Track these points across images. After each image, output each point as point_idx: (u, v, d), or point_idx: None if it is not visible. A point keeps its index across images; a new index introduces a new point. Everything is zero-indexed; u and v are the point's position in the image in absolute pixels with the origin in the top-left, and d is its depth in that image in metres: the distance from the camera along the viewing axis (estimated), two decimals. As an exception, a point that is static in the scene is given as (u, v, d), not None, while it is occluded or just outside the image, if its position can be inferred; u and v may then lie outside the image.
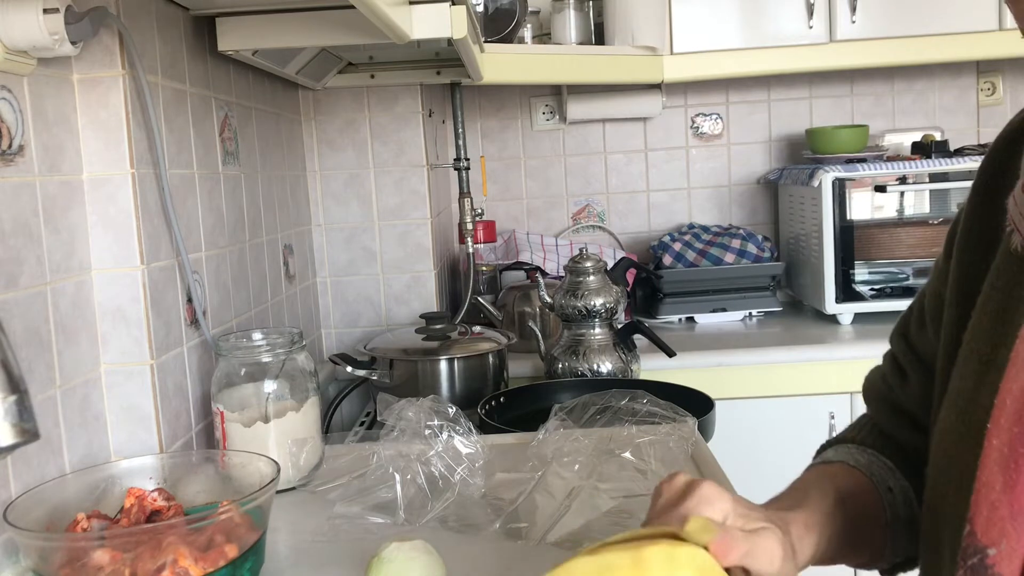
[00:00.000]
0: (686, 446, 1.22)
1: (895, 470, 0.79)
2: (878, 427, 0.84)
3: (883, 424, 0.83)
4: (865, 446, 0.82)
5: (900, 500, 0.77)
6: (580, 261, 1.80)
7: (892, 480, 0.78)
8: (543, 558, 0.95)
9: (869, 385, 0.86)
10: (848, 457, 0.81)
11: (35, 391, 0.95)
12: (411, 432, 1.13)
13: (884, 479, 0.78)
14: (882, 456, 0.80)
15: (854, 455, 0.81)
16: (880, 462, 0.80)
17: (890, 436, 0.82)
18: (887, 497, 0.77)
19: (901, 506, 0.77)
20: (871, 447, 0.82)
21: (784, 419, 2.01)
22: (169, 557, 0.80)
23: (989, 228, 0.66)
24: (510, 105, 2.67)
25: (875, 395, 0.85)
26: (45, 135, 1.02)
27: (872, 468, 0.79)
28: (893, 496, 0.77)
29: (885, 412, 0.83)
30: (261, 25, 1.31)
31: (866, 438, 0.84)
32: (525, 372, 1.95)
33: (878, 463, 0.79)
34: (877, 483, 0.78)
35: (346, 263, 2.05)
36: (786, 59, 2.26)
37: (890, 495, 0.77)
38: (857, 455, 0.81)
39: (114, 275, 1.11)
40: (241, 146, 1.54)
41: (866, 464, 0.79)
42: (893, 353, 0.83)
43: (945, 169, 2.13)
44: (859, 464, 0.79)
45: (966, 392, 0.61)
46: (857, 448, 0.82)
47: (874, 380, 0.86)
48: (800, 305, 2.48)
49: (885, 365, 0.85)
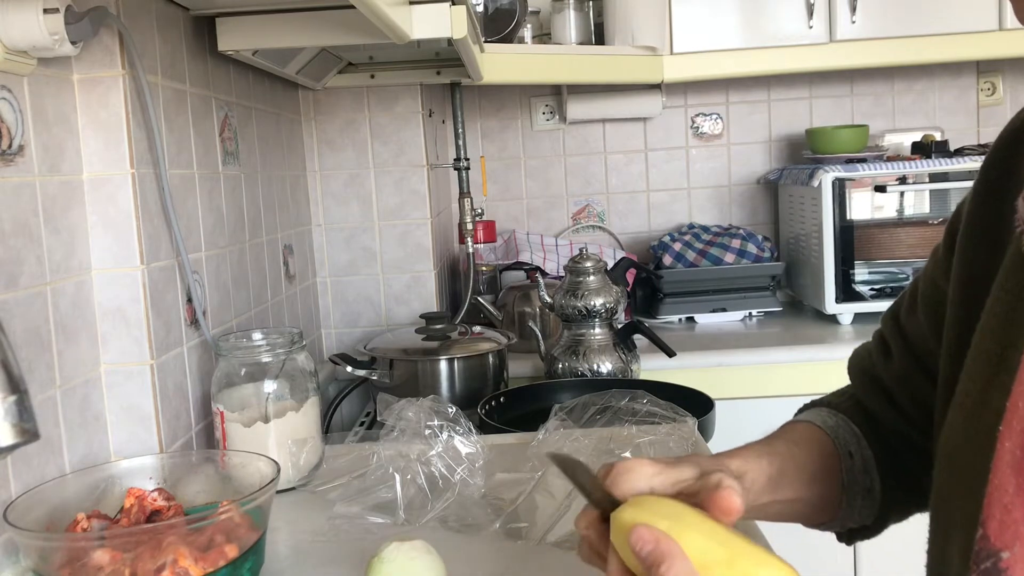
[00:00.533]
0: (686, 446, 1.22)
1: (861, 438, 0.80)
2: (856, 397, 0.86)
3: (861, 395, 0.85)
4: (839, 411, 0.84)
5: (859, 467, 0.79)
6: (580, 261, 1.80)
7: (855, 446, 0.80)
8: (543, 558, 0.95)
9: (854, 358, 0.88)
10: (816, 418, 0.83)
11: (35, 391, 0.95)
12: (411, 432, 1.13)
13: (847, 443, 0.80)
14: (852, 423, 0.82)
15: (823, 417, 0.83)
16: (848, 428, 0.81)
17: (866, 407, 0.84)
18: (846, 461, 0.79)
19: (860, 472, 0.79)
20: (844, 413, 0.83)
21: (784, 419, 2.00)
22: (169, 557, 0.80)
23: (994, 229, 0.66)
24: (510, 105, 2.67)
25: (858, 367, 0.87)
26: (45, 135, 1.02)
27: (837, 431, 0.80)
28: (852, 461, 0.79)
29: (865, 384, 0.85)
30: (261, 25, 1.31)
31: (841, 403, 0.85)
32: (525, 372, 1.95)
33: (845, 428, 0.81)
34: (839, 446, 0.79)
35: (346, 263, 2.05)
36: (786, 59, 2.26)
37: (849, 460, 0.79)
38: (826, 417, 0.82)
39: (114, 275, 1.11)
40: (241, 146, 1.54)
41: (833, 426, 0.81)
42: (881, 332, 0.84)
43: (945, 169, 2.13)
44: (825, 425, 0.81)
45: (974, 394, 0.61)
46: (828, 411, 0.84)
47: (860, 354, 0.88)
48: (800, 305, 2.48)
49: (872, 342, 0.86)
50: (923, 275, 0.78)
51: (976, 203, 0.70)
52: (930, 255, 0.77)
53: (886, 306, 2.12)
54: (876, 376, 0.83)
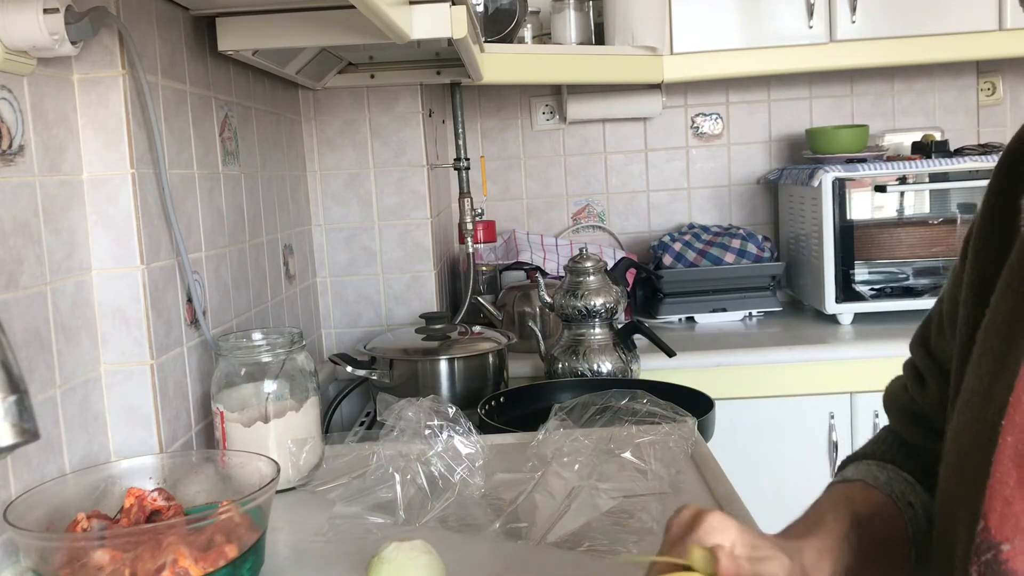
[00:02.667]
0: (686, 446, 1.22)
1: (915, 484, 0.78)
2: (899, 439, 0.83)
3: (903, 433, 0.83)
4: (885, 461, 0.81)
5: (922, 515, 0.76)
6: (580, 261, 1.80)
7: (912, 495, 0.77)
8: (543, 558, 0.95)
9: (889, 395, 0.86)
10: (867, 475, 0.79)
11: (35, 391, 0.95)
12: (411, 432, 1.13)
13: (904, 495, 0.77)
14: (902, 471, 0.79)
15: (873, 472, 0.80)
16: (900, 477, 0.79)
17: (911, 447, 0.81)
18: (908, 512, 0.76)
19: (923, 521, 0.76)
20: (891, 462, 0.81)
21: (784, 419, 2.01)
22: (169, 557, 0.80)
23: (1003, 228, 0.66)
24: (510, 105, 2.67)
25: (895, 404, 0.85)
26: (45, 135, 1.02)
27: (892, 485, 0.78)
28: (914, 511, 0.76)
29: (905, 421, 0.83)
30: (261, 25, 1.31)
31: (886, 452, 0.82)
32: (525, 372, 1.95)
33: (898, 479, 0.78)
34: (897, 499, 0.76)
35: (346, 263, 2.05)
36: (786, 59, 2.26)
37: (911, 510, 0.76)
38: (876, 472, 0.79)
39: (114, 275, 1.11)
40: (241, 146, 1.54)
41: (886, 481, 0.78)
42: (913, 362, 0.82)
43: (945, 169, 2.13)
44: (878, 482, 0.78)
45: (980, 390, 0.61)
46: (877, 465, 0.81)
47: (894, 389, 0.85)
48: (800, 305, 2.48)
49: (905, 374, 0.84)
50: (945, 295, 0.77)
51: (987, 206, 0.70)
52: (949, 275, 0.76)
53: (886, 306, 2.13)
54: (915, 411, 0.81)
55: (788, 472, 1.98)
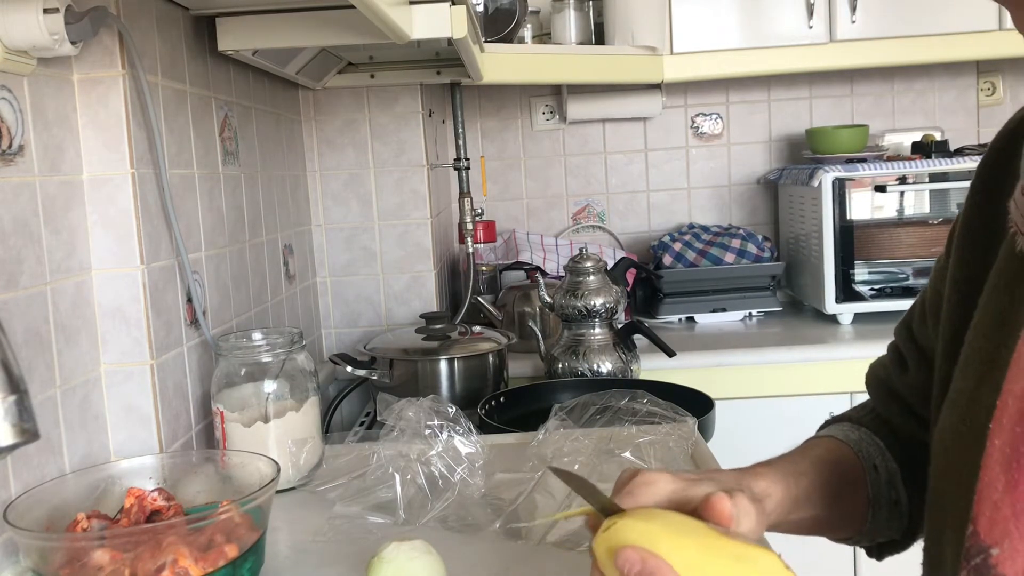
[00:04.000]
0: (686, 446, 1.22)
1: (885, 451, 0.80)
2: (876, 411, 0.86)
3: (883, 410, 0.85)
4: (861, 425, 0.84)
5: (884, 480, 0.79)
6: (580, 261, 1.80)
7: (879, 459, 0.79)
8: (543, 558, 0.95)
9: (871, 372, 0.88)
10: (839, 432, 0.82)
11: (35, 391, 0.95)
12: (411, 432, 1.13)
13: (871, 456, 0.79)
14: (875, 436, 0.82)
15: (845, 431, 0.83)
16: (871, 440, 0.81)
17: (887, 420, 0.83)
18: (871, 475, 0.78)
19: (884, 486, 0.79)
20: (866, 427, 0.83)
21: (784, 419, 2.01)
22: (169, 557, 0.80)
23: (989, 228, 0.66)
24: (510, 105, 2.66)
25: (875, 381, 0.87)
26: (45, 135, 1.02)
27: (861, 445, 0.80)
28: (877, 474, 0.79)
29: (883, 397, 0.85)
30: (261, 25, 1.31)
31: (863, 418, 0.85)
32: (525, 372, 1.95)
33: (868, 441, 0.81)
34: (863, 459, 0.79)
35: (346, 263, 2.05)
36: (786, 59, 2.26)
37: (874, 473, 0.78)
38: (849, 431, 0.82)
39: (114, 275, 1.11)
40: (241, 146, 1.54)
41: (856, 440, 0.81)
42: (896, 344, 0.84)
43: (945, 169, 2.13)
44: (848, 439, 0.81)
45: (967, 392, 0.61)
46: (851, 426, 0.84)
47: (876, 368, 0.88)
48: (800, 305, 2.48)
49: (888, 355, 0.86)
50: (929, 284, 0.78)
51: (971, 203, 0.70)
52: (934, 265, 0.77)
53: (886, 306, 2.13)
54: (893, 388, 0.83)
55: (788, 472, 1.98)
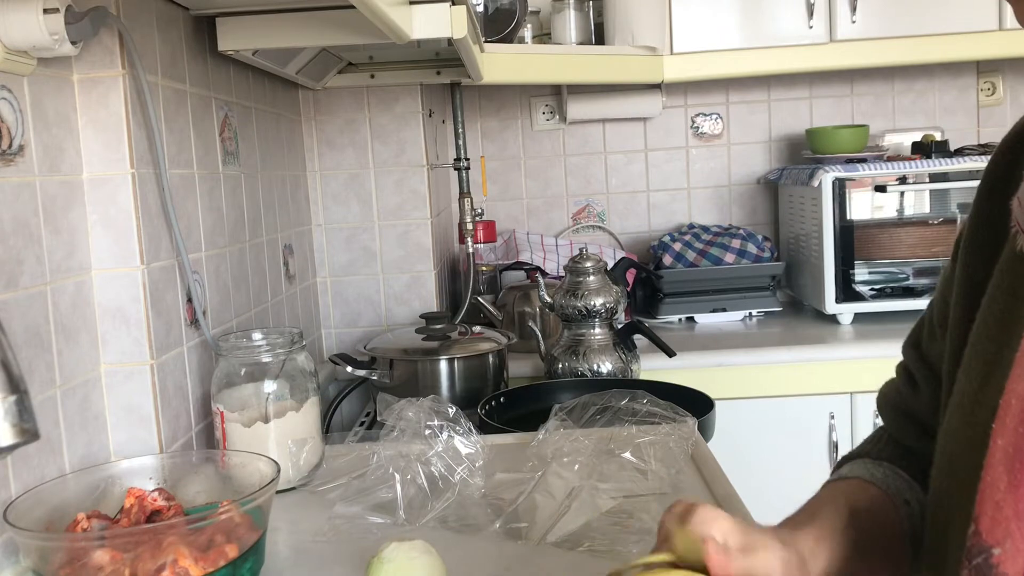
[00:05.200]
0: (686, 446, 1.22)
1: (912, 482, 0.77)
2: (894, 439, 0.83)
3: (898, 435, 0.82)
4: (881, 459, 0.81)
5: (918, 512, 0.76)
6: (580, 261, 1.80)
7: (909, 493, 0.77)
8: (543, 558, 0.95)
9: (883, 397, 0.86)
10: (864, 472, 0.79)
11: (35, 391, 0.95)
12: (411, 432, 1.13)
13: (901, 492, 0.77)
14: (898, 469, 0.79)
15: (870, 469, 0.79)
16: (896, 475, 0.78)
17: (906, 448, 0.81)
18: (904, 509, 0.76)
19: (919, 519, 0.76)
20: (887, 460, 0.80)
21: (784, 419, 2.01)
22: (169, 557, 0.80)
23: (994, 231, 0.66)
24: (510, 105, 2.66)
25: (889, 406, 0.84)
26: (45, 135, 1.02)
27: (888, 481, 0.77)
28: (910, 508, 0.76)
29: (899, 422, 0.82)
30: (261, 25, 1.31)
31: (882, 451, 0.82)
32: (525, 372, 1.95)
33: (894, 476, 0.78)
34: (893, 496, 0.76)
35: (346, 263, 2.05)
36: (786, 59, 2.26)
37: (907, 507, 0.76)
38: (873, 469, 0.79)
39: (114, 275, 1.11)
40: (241, 146, 1.54)
41: (882, 478, 0.78)
42: (905, 364, 0.82)
43: (945, 169, 2.13)
44: (875, 479, 0.78)
45: (971, 393, 0.61)
46: (873, 462, 0.81)
47: (888, 392, 0.85)
48: (800, 305, 2.48)
49: (898, 377, 0.84)
50: (936, 296, 0.77)
51: (978, 207, 0.70)
52: (940, 277, 0.76)
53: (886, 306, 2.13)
54: (908, 412, 0.81)
55: (788, 472, 1.98)
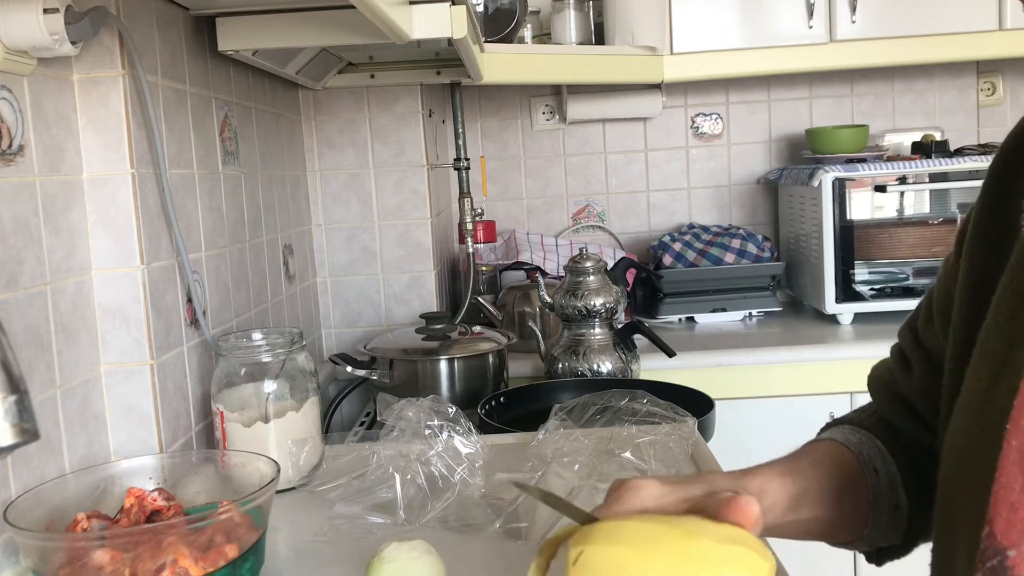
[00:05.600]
0: (686, 446, 1.22)
1: (886, 454, 0.79)
2: (879, 413, 0.85)
3: (884, 411, 0.84)
4: (863, 427, 0.83)
5: (885, 483, 0.77)
6: (580, 261, 1.80)
7: (880, 462, 0.78)
8: (543, 558, 0.95)
9: (874, 374, 0.87)
10: (839, 435, 0.81)
11: (35, 391, 0.95)
12: (411, 432, 1.13)
13: (871, 459, 0.78)
14: (876, 439, 0.81)
15: (846, 434, 0.81)
16: (872, 443, 0.80)
17: (890, 423, 0.83)
18: (871, 477, 0.77)
19: (886, 489, 0.77)
20: (868, 429, 0.82)
21: (784, 419, 2.01)
22: (169, 557, 0.80)
23: (1001, 229, 0.66)
24: (510, 105, 2.66)
25: (878, 383, 0.86)
26: (45, 135, 1.02)
27: (861, 447, 0.79)
28: (877, 477, 0.77)
29: (887, 399, 0.84)
30: (261, 25, 1.31)
31: (864, 420, 0.84)
32: (525, 372, 1.95)
33: (869, 444, 0.80)
34: (863, 462, 0.78)
35: (346, 263, 2.05)
36: (786, 59, 2.26)
37: (875, 476, 0.77)
38: (849, 434, 0.81)
39: (114, 275, 1.11)
40: (241, 146, 1.54)
41: (856, 443, 0.80)
42: (900, 346, 0.84)
43: (945, 169, 2.13)
44: (848, 442, 0.80)
45: (980, 392, 0.61)
46: (851, 428, 0.83)
47: (879, 370, 0.87)
48: (800, 305, 2.48)
49: (891, 357, 0.85)
50: (936, 285, 0.77)
51: (983, 204, 0.70)
52: (942, 265, 0.77)
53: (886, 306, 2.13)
54: (897, 391, 0.82)
55: (788, 472, 1.98)
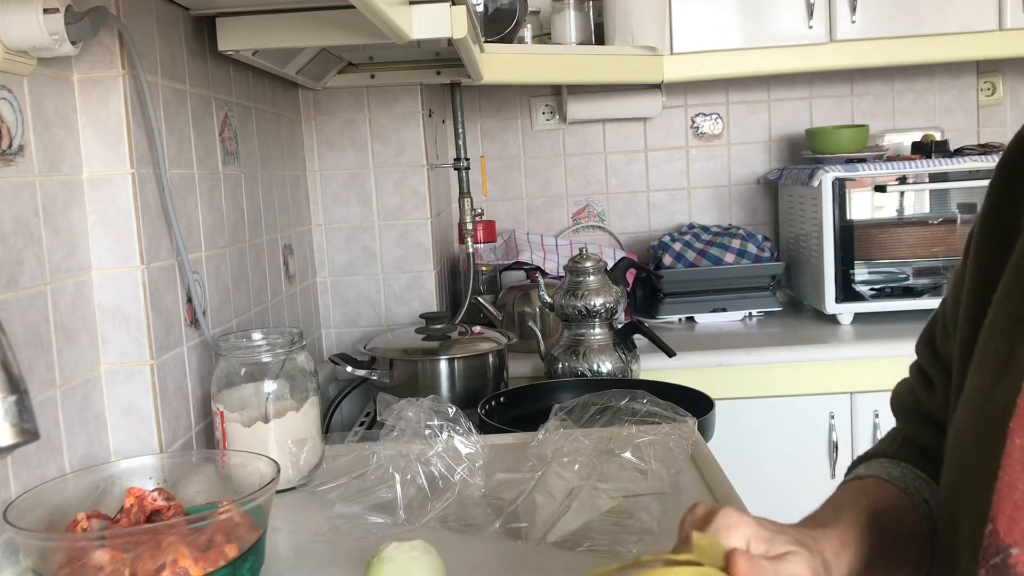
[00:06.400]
0: (686, 446, 1.22)
1: (929, 481, 0.77)
2: (908, 439, 0.82)
3: (913, 435, 0.82)
4: (898, 459, 0.80)
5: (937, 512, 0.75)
6: (580, 261, 1.80)
7: (927, 492, 0.76)
8: (543, 558, 0.95)
9: (897, 397, 0.85)
10: (881, 471, 0.79)
11: (35, 391, 0.95)
12: (411, 432, 1.13)
13: (919, 491, 0.76)
14: (915, 469, 0.79)
15: (887, 469, 0.79)
16: (914, 474, 0.78)
17: (922, 447, 0.80)
18: (923, 509, 0.75)
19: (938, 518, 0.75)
20: (903, 460, 0.80)
21: (784, 419, 2.01)
22: (169, 557, 0.80)
23: (1006, 228, 0.66)
24: (510, 105, 2.66)
25: (903, 406, 0.84)
26: (45, 135, 1.02)
27: (907, 481, 0.77)
28: (930, 508, 0.75)
29: (914, 422, 0.82)
30: (261, 25, 1.31)
31: (898, 451, 0.82)
32: (525, 372, 1.95)
33: (912, 475, 0.78)
34: (912, 495, 0.76)
35: (346, 263, 2.05)
36: (786, 59, 2.26)
37: (926, 507, 0.75)
38: (890, 469, 0.79)
39: (114, 275, 1.11)
40: (241, 146, 1.54)
41: (900, 477, 0.77)
42: (919, 364, 0.82)
43: (945, 169, 2.13)
44: (893, 478, 0.77)
45: (983, 390, 0.61)
46: (890, 462, 0.80)
47: (901, 391, 0.85)
48: (800, 305, 2.48)
49: (912, 376, 0.83)
50: (948, 297, 0.76)
51: (989, 203, 0.70)
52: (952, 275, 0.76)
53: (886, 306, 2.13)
54: (923, 412, 0.80)
55: (788, 472, 1.98)
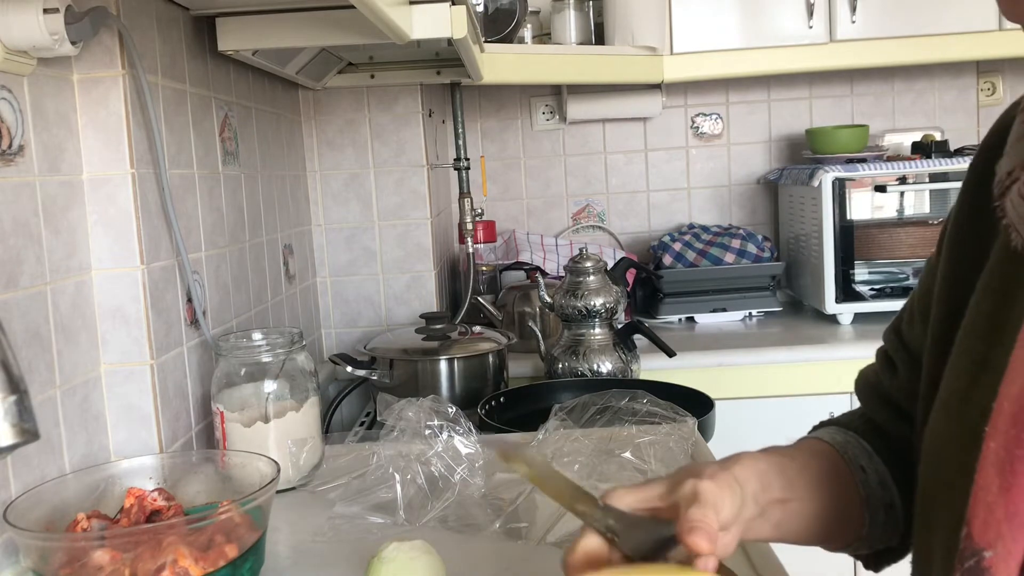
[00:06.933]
0: (686, 446, 1.22)
1: (873, 453, 0.79)
2: (866, 416, 0.85)
3: (871, 413, 0.84)
4: (849, 429, 0.83)
5: (875, 481, 0.77)
6: (580, 261, 1.80)
7: (867, 460, 0.78)
8: (543, 558, 0.95)
9: (860, 379, 0.88)
10: (824, 435, 0.81)
11: (35, 391, 0.95)
12: (411, 432, 1.13)
13: (857, 457, 0.78)
14: (862, 440, 0.80)
15: (831, 433, 0.81)
16: (858, 444, 0.80)
17: (877, 426, 0.82)
18: (859, 475, 0.77)
19: (877, 486, 0.77)
20: (854, 431, 0.82)
21: (784, 419, 2.01)
22: (169, 557, 0.80)
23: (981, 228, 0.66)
24: (510, 105, 2.67)
25: (865, 387, 0.86)
26: (45, 135, 1.02)
27: (846, 447, 0.79)
28: (866, 475, 0.77)
29: (874, 402, 0.84)
30: (261, 25, 1.31)
31: (851, 422, 0.84)
32: (525, 372, 1.95)
33: (855, 444, 0.80)
34: (849, 461, 0.78)
35: (346, 263, 2.05)
36: (786, 59, 2.27)
37: (862, 474, 0.77)
38: (835, 434, 0.81)
39: (114, 275, 1.11)
40: (241, 146, 1.54)
41: (841, 442, 0.79)
42: (885, 349, 0.84)
43: (945, 169, 2.13)
44: (834, 441, 0.79)
45: (959, 392, 0.61)
46: (837, 429, 0.83)
47: (866, 374, 0.87)
48: (800, 305, 2.48)
49: (877, 361, 0.85)
50: (919, 286, 0.77)
51: (963, 201, 0.70)
52: (925, 265, 0.77)
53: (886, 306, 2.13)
54: (884, 392, 0.82)
55: (788, 472, 1.98)
